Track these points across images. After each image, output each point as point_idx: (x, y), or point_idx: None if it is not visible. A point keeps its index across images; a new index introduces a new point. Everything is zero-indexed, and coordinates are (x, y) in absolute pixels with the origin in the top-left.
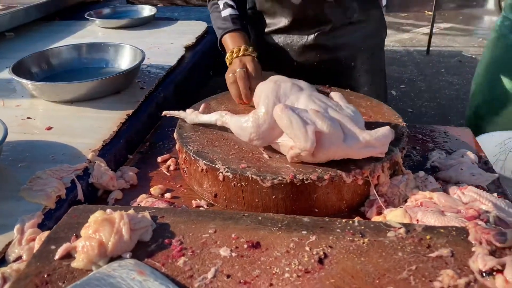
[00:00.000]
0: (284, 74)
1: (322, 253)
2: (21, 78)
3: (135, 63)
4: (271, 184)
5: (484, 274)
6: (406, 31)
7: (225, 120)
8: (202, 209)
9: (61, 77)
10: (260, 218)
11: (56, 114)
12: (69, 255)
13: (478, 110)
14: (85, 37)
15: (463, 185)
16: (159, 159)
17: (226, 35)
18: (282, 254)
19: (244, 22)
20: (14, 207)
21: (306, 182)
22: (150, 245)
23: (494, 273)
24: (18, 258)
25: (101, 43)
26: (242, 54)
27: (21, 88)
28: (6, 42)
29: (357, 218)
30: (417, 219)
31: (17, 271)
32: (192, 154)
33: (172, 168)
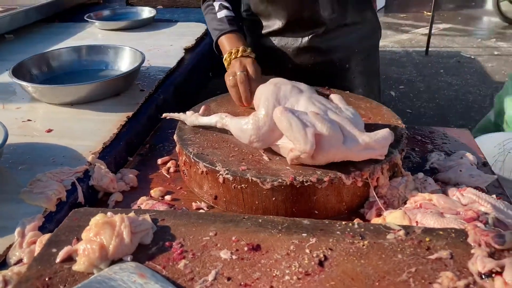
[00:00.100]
0: (279, 76)
1: (322, 255)
2: (21, 81)
3: (135, 65)
4: (271, 186)
5: (483, 276)
6: (405, 32)
7: (225, 122)
8: (202, 211)
9: (61, 79)
10: (260, 220)
11: (56, 116)
12: (70, 258)
13: None
14: (84, 39)
15: (462, 186)
16: (159, 161)
17: (222, 37)
18: (282, 256)
19: (240, 24)
20: (15, 210)
21: (306, 184)
22: (151, 248)
23: (493, 275)
24: (19, 261)
25: (101, 45)
26: (241, 55)
27: (21, 90)
28: (6, 44)
29: (356, 220)
30: (416, 221)
31: (18, 274)
32: (192, 156)
33: (172, 170)
